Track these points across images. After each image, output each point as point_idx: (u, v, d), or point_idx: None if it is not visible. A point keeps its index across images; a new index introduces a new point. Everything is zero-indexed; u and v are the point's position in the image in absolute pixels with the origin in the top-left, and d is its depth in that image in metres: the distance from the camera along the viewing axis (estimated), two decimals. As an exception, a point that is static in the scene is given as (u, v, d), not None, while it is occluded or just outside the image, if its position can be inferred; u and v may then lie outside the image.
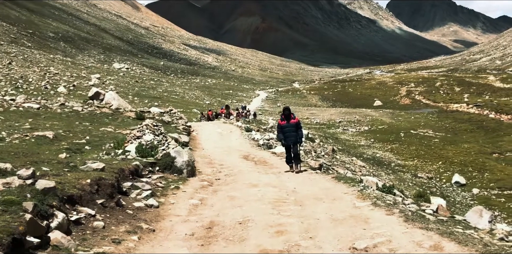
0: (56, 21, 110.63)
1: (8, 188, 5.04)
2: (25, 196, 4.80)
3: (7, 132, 11.60)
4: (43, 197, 5.01)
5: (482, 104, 69.46)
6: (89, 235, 5.01)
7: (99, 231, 5.20)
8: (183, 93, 70.97)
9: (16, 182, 5.28)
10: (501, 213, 26.66)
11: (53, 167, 6.51)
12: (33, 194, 4.94)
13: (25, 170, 5.50)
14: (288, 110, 12.71)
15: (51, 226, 4.67)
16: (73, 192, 5.66)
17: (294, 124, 12.41)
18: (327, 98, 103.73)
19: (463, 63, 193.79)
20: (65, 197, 5.44)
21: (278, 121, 12.91)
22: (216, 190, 8.92)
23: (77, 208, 5.55)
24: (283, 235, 5.66)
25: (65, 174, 6.22)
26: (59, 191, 5.44)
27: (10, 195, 4.69)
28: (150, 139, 11.73)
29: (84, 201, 5.79)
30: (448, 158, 40.46)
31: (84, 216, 5.41)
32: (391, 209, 6.57)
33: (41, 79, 45.95)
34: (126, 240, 5.15)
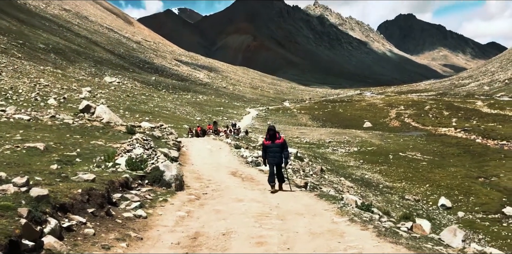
0: (46, 32, 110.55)
1: (4, 195, 5.25)
2: (20, 203, 5.01)
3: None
4: (37, 204, 5.21)
5: (469, 128, 70.26)
6: (80, 241, 5.20)
7: (89, 238, 5.40)
8: (174, 109, 70.97)
9: (12, 189, 5.48)
10: (485, 237, 26.80)
11: (45, 177, 6.62)
12: (27, 201, 5.15)
13: (20, 178, 5.70)
14: (273, 130, 12.01)
15: (44, 231, 4.85)
16: (65, 200, 5.87)
17: (280, 144, 11.94)
18: (317, 118, 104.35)
19: (452, 87, 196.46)
20: (57, 205, 5.64)
21: (263, 141, 12.39)
22: (202, 203, 9.16)
23: (68, 216, 5.74)
24: (263, 246, 5.93)
25: (57, 184, 6.39)
26: (52, 199, 5.64)
27: (6, 201, 4.90)
28: (140, 152, 11.85)
29: (76, 210, 5.99)
30: (435, 181, 40.72)
31: (76, 224, 5.60)
32: (366, 225, 6.92)
33: (31, 91, 45.61)
34: (115, 246, 5.34)
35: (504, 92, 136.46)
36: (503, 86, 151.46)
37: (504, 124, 71.13)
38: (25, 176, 5.81)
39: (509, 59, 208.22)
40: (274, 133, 11.95)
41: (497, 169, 44.62)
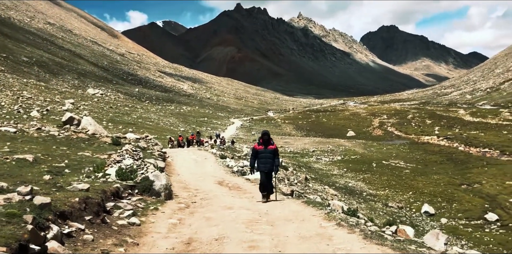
0: (30, 46, 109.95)
1: (9, 203, 5.50)
2: (25, 210, 5.24)
3: (-14, 155, 11.64)
4: (40, 211, 5.44)
5: (452, 136, 71.23)
6: (80, 246, 5.44)
7: (89, 243, 5.63)
8: (158, 120, 70.88)
9: (16, 197, 5.73)
10: (468, 242, 27.18)
11: (42, 187, 6.81)
12: (31, 209, 5.38)
13: (24, 187, 5.95)
14: (268, 135, 11.38)
15: (47, 237, 5.07)
16: (64, 208, 6.11)
17: (272, 151, 11.31)
18: (301, 127, 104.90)
19: (434, 96, 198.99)
20: (57, 213, 5.88)
21: (254, 146, 11.60)
22: (192, 211, 9.37)
23: (68, 223, 5.98)
24: (255, 249, 6.17)
25: (54, 193, 6.61)
26: (52, 207, 5.89)
27: (11, 209, 5.14)
28: (129, 163, 11.98)
29: (74, 217, 6.23)
30: (418, 189, 41.18)
31: (75, 230, 5.83)
32: (353, 229, 7.20)
33: (13, 103, 45.34)
34: (113, 251, 5.58)
35: (486, 100, 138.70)
36: (485, 95, 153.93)
37: (486, 132, 72.24)
38: (29, 186, 6.08)
39: (490, 68, 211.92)
40: (269, 138, 11.36)
41: (480, 176, 45.26)
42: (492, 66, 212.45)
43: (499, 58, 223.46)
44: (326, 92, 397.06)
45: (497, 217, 32.07)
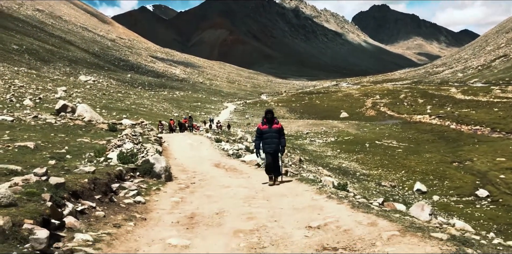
0: (20, 33, 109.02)
1: (28, 183, 5.96)
2: (42, 189, 5.72)
3: (-12, 143, 11.93)
4: (56, 190, 5.94)
5: (444, 115, 71.77)
6: (94, 221, 5.99)
7: (101, 219, 6.18)
8: (151, 106, 70.91)
9: (34, 178, 6.20)
10: (459, 218, 27.78)
11: (51, 170, 7.22)
12: (48, 188, 5.87)
13: (40, 169, 6.43)
14: (271, 113, 10.85)
15: (64, 213, 5.60)
16: (76, 188, 6.65)
17: (277, 130, 10.81)
18: (294, 110, 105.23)
19: (426, 75, 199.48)
20: (70, 192, 6.42)
21: (259, 125, 11.04)
22: (193, 191, 9.92)
23: (80, 201, 6.50)
24: (253, 220, 6.78)
25: (64, 175, 7.09)
26: (66, 187, 6.45)
27: (31, 188, 5.62)
28: (130, 147, 12.43)
29: (85, 196, 6.78)
30: (411, 167, 41.78)
31: (87, 207, 6.36)
32: (342, 200, 7.85)
33: (6, 92, 45.15)
34: (124, 225, 6.14)
35: (477, 78, 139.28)
36: (476, 73, 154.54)
37: (477, 109, 72.81)
38: (44, 167, 6.56)
39: (481, 46, 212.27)
40: (272, 117, 10.83)
41: (471, 153, 45.89)
42: (483, 44, 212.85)
43: (490, 36, 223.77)
44: (319, 73, 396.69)
45: (487, 193, 32.73)
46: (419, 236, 5.00)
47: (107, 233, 5.56)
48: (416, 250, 4.57)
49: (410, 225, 5.59)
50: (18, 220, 4.48)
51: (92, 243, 5.04)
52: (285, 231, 6.03)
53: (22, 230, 4.33)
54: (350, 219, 6.32)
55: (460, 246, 4.57)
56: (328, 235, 5.65)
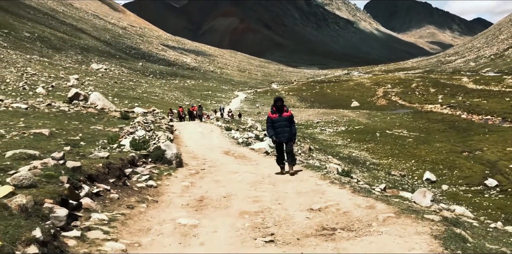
0: (31, 21, 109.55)
1: (46, 167, 6.32)
2: (60, 172, 6.08)
3: (4, 130, 12.31)
4: (73, 173, 6.34)
5: (455, 105, 71.47)
6: (108, 203, 6.40)
7: (115, 201, 6.60)
8: (163, 94, 71.34)
9: (51, 162, 6.59)
10: (467, 208, 27.93)
11: (67, 155, 7.55)
12: (65, 171, 6.25)
13: (57, 153, 6.86)
14: (281, 101, 10.73)
15: (80, 195, 5.97)
16: (91, 172, 7.04)
17: (287, 118, 10.63)
18: (305, 99, 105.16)
19: (438, 64, 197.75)
20: (86, 175, 6.81)
21: (268, 114, 10.91)
22: (202, 176, 10.33)
23: (95, 184, 6.87)
24: (258, 203, 7.20)
25: (80, 160, 7.46)
26: (82, 170, 6.84)
27: (49, 171, 5.99)
28: (142, 134, 12.84)
29: (100, 180, 7.16)
30: (421, 157, 41.88)
31: (102, 190, 6.74)
32: (344, 185, 8.18)
33: (18, 80, 45.65)
34: (137, 207, 6.59)
35: (490, 67, 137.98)
36: (489, 62, 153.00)
37: (489, 99, 72.41)
38: (61, 152, 7.00)
39: (494, 34, 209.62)
40: (282, 105, 10.65)
41: (481, 143, 45.84)
42: (496, 32, 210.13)
43: (504, 24, 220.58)
44: (330, 62, 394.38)
45: (496, 182, 32.83)
46: (413, 218, 5.31)
47: (121, 214, 5.96)
48: (408, 229, 4.89)
49: (406, 208, 5.88)
50: (39, 200, 4.83)
51: (107, 222, 5.43)
52: (288, 213, 6.38)
53: (43, 209, 4.68)
54: (350, 202, 6.64)
55: (450, 226, 4.86)
56: (328, 216, 5.98)
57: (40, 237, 3.97)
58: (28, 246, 3.84)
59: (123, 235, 5.13)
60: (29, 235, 3.94)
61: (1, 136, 11.28)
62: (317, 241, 4.92)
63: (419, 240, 4.53)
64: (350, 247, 4.63)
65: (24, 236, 3.90)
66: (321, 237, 5.07)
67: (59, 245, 4.18)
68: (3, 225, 3.94)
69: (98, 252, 4.41)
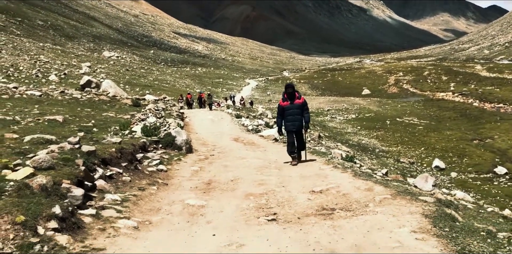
0: (44, 9, 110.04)
1: (62, 151, 6.72)
2: (76, 156, 6.45)
3: (20, 116, 12.72)
4: (88, 157, 6.71)
5: (467, 93, 70.98)
6: (121, 185, 6.79)
7: (127, 183, 6.98)
8: (174, 82, 71.67)
9: (68, 146, 6.98)
10: (476, 195, 28.09)
11: (81, 141, 7.82)
12: (81, 155, 6.62)
13: (73, 138, 7.32)
14: (292, 88, 10.11)
15: (95, 177, 6.35)
16: (105, 156, 7.41)
17: (300, 105, 10.03)
18: (316, 86, 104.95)
19: (452, 52, 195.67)
20: (100, 159, 7.17)
21: (279, 102, 10.33)
22: (211, 162, 10.69)
23: (109, 168, 7.24)
24: (263, 185, 7.56)
25: (93, 145, 7.81)
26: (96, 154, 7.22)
27: (65, 155, 6.37)
28: (153, 121, 13.22)
29: (113, 163, 7.53)
30: (431, 145, 41.91)
31: (115, 173, 7.10)
32: (346, 170, 8.52)
33: (31, 68, 46.10)
34: (148, 189, 6.97)
35: (504, 55, 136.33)
36: (503, 49, 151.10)
37: (502, 87, 71.75)
38: (77, 137, 7.44)
39: (509, 22, 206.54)
40: (293, 92, 10.04)
41: (492, 131, 45.69)
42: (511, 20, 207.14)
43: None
44: (343, 50, 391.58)
45: (506, 170, 32.85)
46: (408, 199, 5.61)
47: (133, 195, 6.34)
48: (402, 209, 5.19)
49: (403, 191, 6.18)
50: (57, 180, 5.20)
51: (120, 202, 5.81)
52: (291, 195, 6.72)
53: (61, 189, 5.05)
54: (350, 185, 6.96)
55: (441, 206, 5.14)
56: (329, 198, 6.31)
57: (60, 213, 4.34)
58: (49, 221, 4.21)
59: (135, 214, 5.49)
60: (49, 211, 4.30)
61: (17, 122, 11.68)
62: (316, 219, 5.23)
63: (411, 219, 4.83)
64: (345, 224, 4.93)
65: (45, 212, 4.27)
66: (321, 216, 5.39)
67: (76, 221, 4.56)
68: (26, 202, 4.31)
69: (112, 228, 4.77)
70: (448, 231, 4.43)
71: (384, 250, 4.12)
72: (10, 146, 7.05)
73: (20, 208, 4.18)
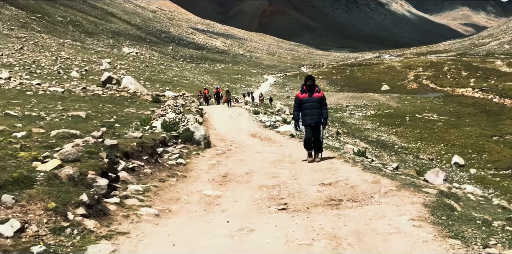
0: (63, 5, 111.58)
1: (87, 144, 7.13)
2: (99, 149, 6.87)
3: (44, 112, 13.24)
4: (111, 150, 7.16)
5: (487, 88, 70.29)
6: (142, 177, 7.23)
7: (148, 175, 7.42)
8: (193, 78, 72.23)
9: (92, 140, 7.40)
10: (495, 191, 28.02)
11: (104, 135, 8.25)
12: (104, 148, 7.06)
13: (96, 132, 7.79)
14: (312, 80, 9.67)
15: (118, 169, 6.80)
16: (127, 150, 7.85)
17: (318, 99, 9.60)
18: (335, 82, 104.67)
19: (472, 47, 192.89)
20: (122, 153, 7.63)
21: (297, 94, 9.87)
22: (228, 156, 11.15)
23: (130, 160, 7.66)
24: (276, 178, 7.97)
25: (116, 139, 8.26)
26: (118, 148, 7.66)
27: (90, 148, 6.81)
28: (172, 116, 13.69)
29: (134, 157, 7.93)
30: (450, 141, 41.76)
31: (136, 166, 7.52)
32: (356, 164, 8.85)
33: (53, 64, 46.80)
34: (168, 180, 7.43)
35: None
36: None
37: (522, 83, 71.03)
38: (100, 131, 7.92)
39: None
40: (313, 84, 9.59)
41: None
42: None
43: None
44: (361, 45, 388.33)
45: (526, 167, 32.67)
46: (411, 191, 5.92)
47: (154, 186, 6.77)
48: (404, 200, 5.50)
49: (408, 183, 6.48)
50: (83, 171, 5.62)
51: (142, 192, 6.25)
52: (302, 187, 7.08)
53: (87, 179, 5.46)
54: (359, 178, 7.28)
55: (441, 197, 5.43)
56: (337, 190, 6.65)
57: (87, 201, 4.76)
58: (77, 208, 4.63)
59: (156, 203, 5.91)
60: (77, 199, 4.72)
61: (42, 118, 12.19)
62: (324, 209, 5.58)
63: (411, 208, 5.14)
64: (350, 213, 5.27)
65: (73, 200, 4.68)
66: (328, 206, 5.73)
67: (102, 208, 4.97)
68: (56, 191, 4.73)
69: (135, 215, 5.19)
70: (445, 219, 4.72)
71: (382, 235, 4.44)
72: (38, 140, 7.50)
73: (51, 195, 4.60)
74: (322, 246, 4.24)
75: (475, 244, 4.11)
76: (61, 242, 4.04)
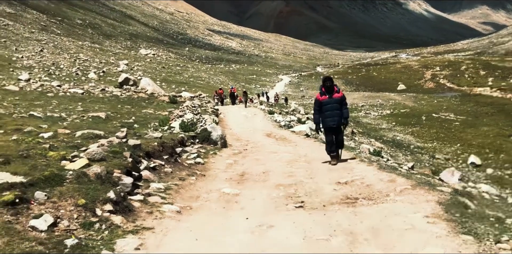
0: (83, 8, 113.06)
1: (111, 144, 7.46)
2: (123, 149, 7.21)
3: (65, 113, 13.61)
4: (134, 150, 7.46)
5: (506, 87, 69.50)
6: (163, 175, 7.54)
7: (169, 174, 7.73)
8: (208, 79, 72.61)
9: (116, 140, 7.74)
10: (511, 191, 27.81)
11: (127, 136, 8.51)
12: (128, 148, 7.39)
13: (120, 133, 8.09)
14: (331, 81, 9.41)
15: (140, 168, 7.08)
16: (148, 149, 8.16)
17: (338, 100, 9.34)
18: (350, 82, 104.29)
19: (490, 46, 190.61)
20: (144, 152, 7.93)
21: (316, 96, 9.57)
22: (244, 156, 11.41)
23: (152, 160, 7.95)
24: (293, 177, 8.16)
25: (137, 139, 8.53)
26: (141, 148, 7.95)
27: (114, 148, 7.13)
28: (190, 117, 14.02)
29: (155, 156, 8.23)
30: (467, 141, 41.38)
31: (158, 165, 7.80)
32: (372, 163, 9.00)
33: (71, 66, 47.49)
34: (188, 179, 7.72)
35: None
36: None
37: (542, 82, 70.12)
38: (124, 131, 8.19)
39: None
40: (332, 85, 9.32)
41: (531, 127, 44.82)
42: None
43: None
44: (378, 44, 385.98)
45: (543, 167, 32.29)
46: (426, 189, 6.06)
47: (175, 184, 7.04)
48: (419, 198, 5.65)
49: (423, 182, 6.60)
50: (109, 170, 5.90)
51: (163, 190, 6.52)
52: (318, 185, 7.25)
53: (113, 177, 5.74)
54: (374, 177, 7.42)
55: (455, 195, 5.57)
56: (353, 188, 6.81)
57: (114, 197, 5.02)
58: (105, 204, 4.88)
59: (177, 200, 6.17)
60: (105, 196, 4.98)
61: (64, 119, 12.55)
62: (340, 207, 5.76)
63: (426, 206, 5.29)
64: (366, 211, 5.44)
65: (101, 197, 4.94)
66: (344, 204, 5.91)
67: (127, 205, 5.24)
68: (85, 188, 4.99)
69: (158, 211, 5.45)
70: (458, 216, 4.85)
71: (397, 231, 4.61)
72: (64, 141, 7.81)
73: (80, 193, 4.86)
74: (340, 241, 4.44)
75: (487, 240, 4.25)
76: (91, 236, 4.32)
